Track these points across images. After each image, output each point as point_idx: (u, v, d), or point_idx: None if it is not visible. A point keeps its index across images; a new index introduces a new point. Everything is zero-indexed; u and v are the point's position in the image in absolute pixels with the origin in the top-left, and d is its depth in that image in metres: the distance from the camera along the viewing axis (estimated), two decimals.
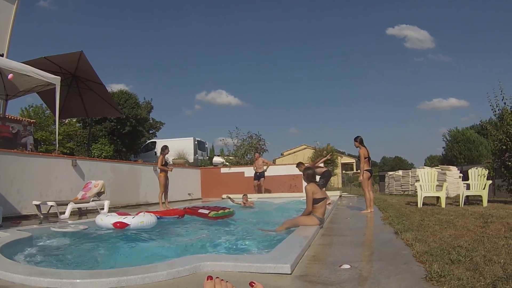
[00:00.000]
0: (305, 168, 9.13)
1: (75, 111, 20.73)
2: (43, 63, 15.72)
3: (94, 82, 18.27)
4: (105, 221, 8.78)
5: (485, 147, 44.63)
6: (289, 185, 23.32)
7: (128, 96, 36.53)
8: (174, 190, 17.15)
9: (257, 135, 32.62)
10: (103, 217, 8.94)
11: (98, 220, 8.97)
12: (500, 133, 14.82)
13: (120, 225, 8.45)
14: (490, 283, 3.81)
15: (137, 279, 4.19)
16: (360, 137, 12.76)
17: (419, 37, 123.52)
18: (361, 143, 12.67)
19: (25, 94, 16.27)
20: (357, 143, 12.73)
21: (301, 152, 56.57)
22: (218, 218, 10.35)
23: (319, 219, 8.40)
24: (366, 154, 12.52)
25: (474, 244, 5.89)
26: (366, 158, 12.52)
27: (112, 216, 8.86)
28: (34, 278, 4.21)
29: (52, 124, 35.91)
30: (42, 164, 13.04)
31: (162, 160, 15.21)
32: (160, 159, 15.26)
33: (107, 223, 8.69)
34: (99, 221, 8.92)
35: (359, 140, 12.70)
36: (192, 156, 34.95)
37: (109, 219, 8.72)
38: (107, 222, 8.71)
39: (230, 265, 4.64)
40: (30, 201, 11.81)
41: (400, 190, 29.59)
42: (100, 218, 8.95)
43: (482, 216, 9.91)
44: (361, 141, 12.71)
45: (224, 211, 10.59)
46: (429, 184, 14.60)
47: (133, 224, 8.55)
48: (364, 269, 4.79)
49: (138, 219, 8.68)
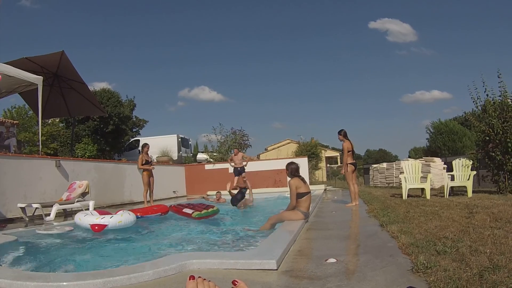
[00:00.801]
0: (288, 163, 9.10)
1: (58, 111, 20.62)
2: (25, 64, 15.59)
3: (76, 82, 18.16)
4: (83, 220, 8.73)
5: (468, 138, 44.90)
6: (273, 180, 23.35)
7: (110, 95, 36.29)
8: (158, 188, 17.10)
9: (240, 131, 32.67)
10: (82, 216, 8.87)
11: (77, 219, 8.93)
12: (483, 124, 14.92)
13: (98, 228, 8.38)
14: (476, 273, 3.83)
15: (123, 279, 4.17)
16: (344, 131, 12.77)
17: (401, 31, 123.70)
18: (345, 137, 12.72)
19: (7, 95, 16.15)
20: (341, 136, 12.76)
21: (285, 147, 56.56)
22: (201, 218, 10.32)
23: (303, 213, 8.41)
24: (349, 148, 12.58)
25: (460, 235, 5.93)
26: (350, 152, 12.58)
27: (90, 216, 8.80)
28: (20, 283, 4.16)
29: (35, 124, 35.75)
30: (26, 166, 12.95)
31: (142, 159, 15.13)
32: (140, 158, 15.20)
33: (85, 223, 8.64)
34: (78, 221, 8.89)
35: (343, 134, 12.74)
36: (176, 153, 34.88)
37: (87, 219, 8.66)
38: (85, 222, 8.66)
39: (216, 263, 4.64)
40: (15, 203, 11.73)
41: (385, 183, 29.67)
42: (79, 218, 8.90)
43: (467, 206, 9.97)
44: (345, 135, 12.75)
45: (208, 211, 10.53)
46: (414, 176, 14.67)
47: (111, 224, 8.50)
48: (350, 262, 4.81)
49: (116, 218, 8.62)
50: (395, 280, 3.91)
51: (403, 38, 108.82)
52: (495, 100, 14.91)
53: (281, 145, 61.24)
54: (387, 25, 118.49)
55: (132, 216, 9.05)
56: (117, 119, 35.53)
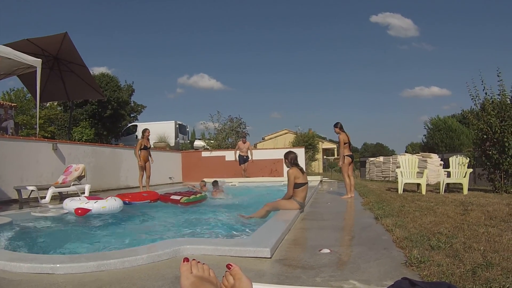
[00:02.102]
0: (287, 152, 9.08)
1: (57, 94, 20.49)
2: (26, 45, 15.51)
3: (76, 65, 18.03)
4: (69, 205, 8.70)
5: (466, 136, 44.91)
6: (270, 170, 23.35)
7: (109, 79, 36.18)
8: (155, 174, 17.06)
9: (238, 119, 32.62)
10: (68, 202, 8.85)
11: (64, 204, 8.91)
12: (481, 123, 14.90)
13: (81, 212, 8.34)
14: (470, 269, 3.84)
15: (116, 263, 4.18)
16: (339, 123, 12.81)
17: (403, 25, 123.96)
18: (341, 129, 12.74)
19: (6, 77, 16.06)
20: (337, 129, 12.79)
21: (282, 137, 56.66)
22: (189, 203, 10.31)
23: (299, 203, 8.41)
24: (346, 140, 12.60)
25: (454, 231, 5.94)
26: (346, 144, 12.60)
27: (76, 201, 8.75)
28: (14, 264, 4.18)
29: (33, 107, 35.63)
30: (23, 148, 12.90)
31: (141, 144, 15.10)
32: (139, 143, 15.19)
33: (70, 208, 8.61)
34: (64, 206, 8.87)
35: (339, 126, 12.76)
36: (173, 139, 34.79)
37: (73, 204, 8.64)
38: (70, 207, 8.63)
39: (210, 249, 4.65)
40: (11, 185, 11.72)
41: (381, 176, 29.71)
42: (65, 203, 8.88)
43: (462, 203, 9.98)
44: (341, 127, 12.77)
45: (196, 196, 10.55)
46: (410, 170, 14.68)
47: (95, 209, 8.47)
48: (343, 253, 4.81)
49: (100, 204, 8.59)
50: (388, 272, 3.92)
51: (405, 33, 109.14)
52: (493, 99, 14.90)
53: (278, 135, 61.28)
54: (388, 20, 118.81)
55: (118, 202, 8.97)
56: (115, 104, 35.46)
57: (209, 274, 1.80)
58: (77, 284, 3.74)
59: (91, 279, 3.85)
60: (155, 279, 3.78)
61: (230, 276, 1.75)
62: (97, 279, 3.84)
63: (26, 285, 3.72)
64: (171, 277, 3.83)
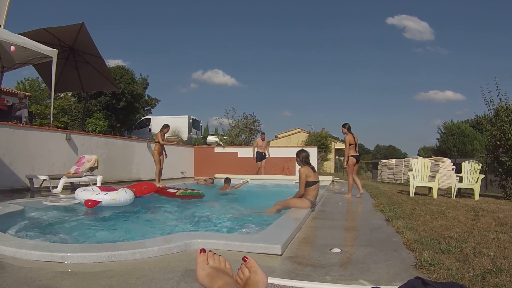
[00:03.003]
0: (299, 151, 9.09)
1: (71, 85, 20.58)
2: (42, 35, 15.60)
3: (92, 55, 18.07)
4: (80, 195, 8.67)
5: (479, 141, 44.66)
6: (281, 168, 23.33)
7: (124, 72, 36.30)
8: (167, 167, 17.11)
9: (252, 116, 32.61)
10: (79, 192, 8.82)
11: (75, 194, 8.89)
12: (495, 129, 14.82)
13: (91, 204, 8.31)
14: (479, 274, 3.83)
15: (127, 254, 4.20)
16: (348, 124, 13.05)
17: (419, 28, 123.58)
18: (348, 130, 13.00)
19: (21, 66, 16.14)
20: (345, 129, 13.06)
21: (295, 135, 56.52)
22: (185, 197, 10.27)
23: (311, 202, 8.41)
24: (351, 141, 12.84)
25: (465, 236, 5.92)
26: (352, 145, 12.85)
27: (87, 191, 8.70)
28: (25, 251, 4.20)
29: (47, 98, 35.78)
30: (36, 138, 12.97)
31: (161, 136, 15.29)
32: (159, 135, 15.36)
33: (81, 198, 8.58)
34: (76, 195, 8.85)
35: (347, 127, 13.02)
36: (186, 134, 34.85)
37: (84, 194, 8.59)
38: (81, 197, 8.60)
39: (221, 244, 4.66)
40: (23, 174, 11.78)
41: (393, 179, 29.67)
42: (77, 193, 8.85)
43: (474, 209, 9.95)
44: (349, 128, 13.03)
45: (192, 192, 10.50)
46: (422, 174, 14.66)
47: (105, 201, 8.44)
48: (354, 253, 4.81)
49: (110, 196, 8.54)
50: (398, 274, 3.92)
51: (420, 36, 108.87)
52: (508, 105, 14.81)
53: (291, 133, 61.10)
54: (404, 22, 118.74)
55: (128, 194, 8.93)
56: (129, 97, 35.57)
57: (225, 266, 1.81)
58: (87, 273, 3.77)
59: (101, 269, 3.87)
60: (166, 272, 3.79)
61: (246, 269, 1.76)
62: (107, 270, 3.86)
63: (36, 272, 3.73)
64: (181, 270, 3.84)
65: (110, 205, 8.52)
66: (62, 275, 3.69)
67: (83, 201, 8.42)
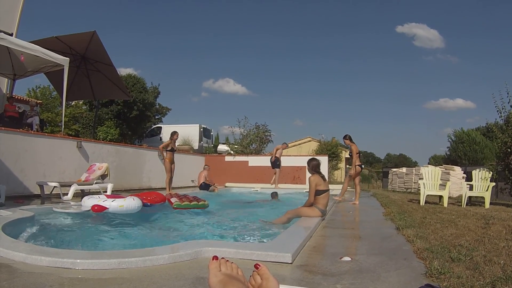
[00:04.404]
0: (310, 159, 9.08)
1: (82, 93, 20.70)
2: (54, 43, 15.70)
3: (103, 64, 18.18)
4: (87, 203, 8.51)
5: (490, 149, 44.39)
6: (292, 177, 23.29)
7: (136, 80, 36.51)
8: (177, 176, 17.11)
9: (264, 126, 32.57)
10: (86, 199, 8.70)
11: (82, 202, 8.76)
12: (506, 136, 14.76)
13: (98, 208, 8.19)
14: (489, 282, 3.83)
15: (138, 261, 4.20)
16: (348, 135, 13.68)
17: (429, 36, 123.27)
18: (350, 140, 13.59)
19: (33, 74, 16.26)
20: (347, 140, 13.64)
21: (306, 144, 56.43)
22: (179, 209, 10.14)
23: (321, 210, 8.40)
24: (357, 150, 13.36)
25: (475, 244, 5.91)
26: (358, 154, 13.32)
27: (94, 199, 8.58)
28: (35, 257, 4.22)
29: (58, 105, 35.95)
30: (47, 145, 13.04)
31: (167, 145, 15.32)
32: (165, 143, 15.43)
33: (88, 205, 8.43)
34: (83, 203, 8.70)
35: (348, 137, 13.62)
36: (197, 143, 34.79)
37: (91, 201, 8.45)
38: (88, 204, 8.44)
39: (231, 252, 4.66)
40: (34, 181, 11.83)
41: (403, 187, 29.62)
42: (84, 200, 8.74)
43: (484, 217, 9.92)
44: (350, 138, 13.61)
45: (189, 203, 10.33)
46: (433, 182, 14.60)
47: (112, 207, 8.34)
48: (364, 262, 4.79)
49: (118, 203, 8.43)
50: (408, 283, 3.91)
51: (430, 44, 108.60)
52: None
53: (302, 142, 60.99)
54: (414, 30, 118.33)
55: (136, 202, 8.80)
56: (141, 105, 35.73)
57: (237, 273, 1.82)
58: (97, 280, 3.78)
59: (111, 276, 3.89)
60: (176, 279, 3.80)
61: (258, 276, 1.77)
62: (117, 276, 3.87)
63: (46, 278, 3.75)
64: (191, 277, 3.85)
65: (117, 212, 8.50)
66: (72, 281, 3.71)
67: (90, 207, 8.40)
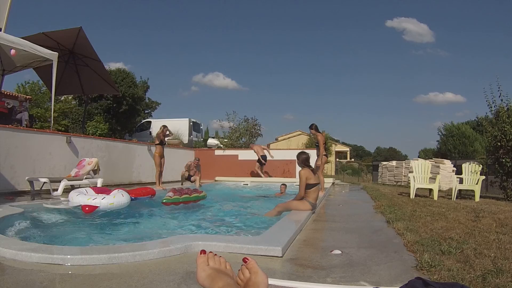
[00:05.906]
0: (299, 153, 9.08)
1: (72, 88, 20.61)
2: (41, 39, 15.60)
3: (91, 59, 18.14)
4: (75, 200, 8.36)
5: (479, 143, 44.60)
6: (282, 170, 23.30)
7: (125, 75, 36.38)
8: (168, 170, 17.09)
9: (253, 119, 32.53)
10: (74, 195, 8.53)
11: (70, 197, 8.56)
12: (496, 130, 14.81)
13: (89, 209, 8.11)
14: (480, 275, 3.84)
15: (127, 256, 4.20)
16: (315, 124, 13.37)
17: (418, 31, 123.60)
18: (316, 130, 13.33)
19: (22, 69, 16.15)
20: (313, 130, 13.37)
21: (295, 138, 56.58)
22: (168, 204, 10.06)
23: (311, 204, 8.41)
24: (324, 140, 13.25)
25: (465, 237, 5.93)
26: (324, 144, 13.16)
27: (82, 195, 8.44)
28: (25, 254, 4.22)
29: (47, 101, 35.75)
30: (36, 141, 12.94)
31: (159, 137, 15.26)
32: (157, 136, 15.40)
33: (77, 202, 8.29)
34: (70, 199, 8.51)
35: (314, 127, 13.35)
36: (186, 137, 34.74)
37: (79, 198, 8.31)
38: (77, 201, 8.30)
39: (221, 246, 4.66)
40: (24, 177, 11.75)
41: (393, 181, 29.67)
42: (71, 196, 8.58)
43: (474, 210, 9.95)
44: (316, 128, 13.35)
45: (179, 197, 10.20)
46: (423, 175, 14.64)
47: (103, 205, 8.26)
48: (354, 255, 4.80)
49: (108, 200, 8.35)
50: (398, 275, 3.92)
51: (420, 39, 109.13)
52: (509, 106, 14.80)
53: (291, 136, 61.15)
54: (404, 25, 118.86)
55: (125, 197, 8.79)
56: (130, 100, 35.61)
57: (225, 267, 1.81)
58: (88, 275, 3.76)
59: (101, 272, 3.88)
60: (166, 274, 3.80)
61: (246, 270, 1.76)
62: (107, 272, 3.87)
63: (37, 274, 3.74)
64: (181, 272, 3.85)
65: (108, 210, 8.45)
66: (62, 277, 3.70)
67: (79, 206, 8.34)
